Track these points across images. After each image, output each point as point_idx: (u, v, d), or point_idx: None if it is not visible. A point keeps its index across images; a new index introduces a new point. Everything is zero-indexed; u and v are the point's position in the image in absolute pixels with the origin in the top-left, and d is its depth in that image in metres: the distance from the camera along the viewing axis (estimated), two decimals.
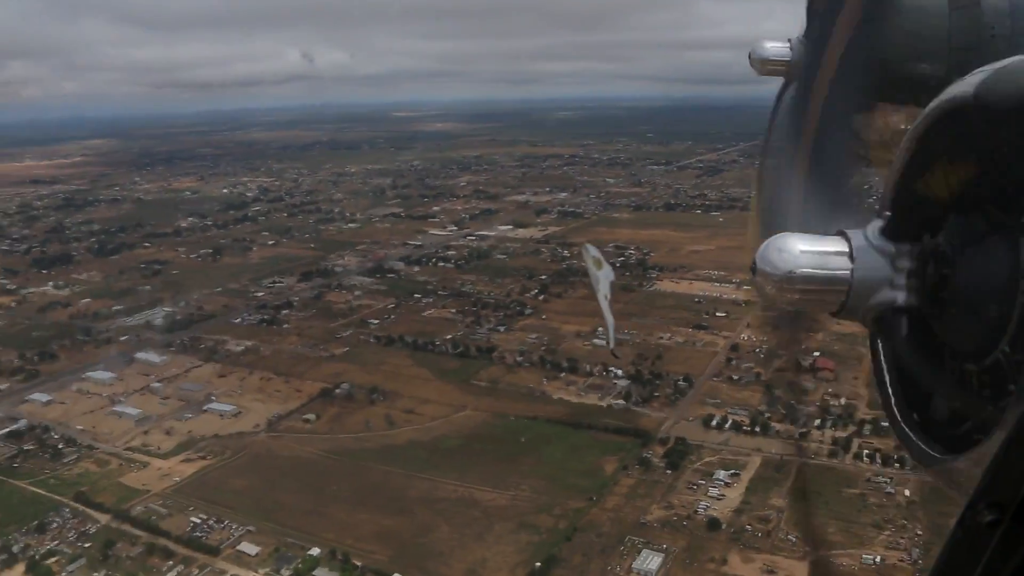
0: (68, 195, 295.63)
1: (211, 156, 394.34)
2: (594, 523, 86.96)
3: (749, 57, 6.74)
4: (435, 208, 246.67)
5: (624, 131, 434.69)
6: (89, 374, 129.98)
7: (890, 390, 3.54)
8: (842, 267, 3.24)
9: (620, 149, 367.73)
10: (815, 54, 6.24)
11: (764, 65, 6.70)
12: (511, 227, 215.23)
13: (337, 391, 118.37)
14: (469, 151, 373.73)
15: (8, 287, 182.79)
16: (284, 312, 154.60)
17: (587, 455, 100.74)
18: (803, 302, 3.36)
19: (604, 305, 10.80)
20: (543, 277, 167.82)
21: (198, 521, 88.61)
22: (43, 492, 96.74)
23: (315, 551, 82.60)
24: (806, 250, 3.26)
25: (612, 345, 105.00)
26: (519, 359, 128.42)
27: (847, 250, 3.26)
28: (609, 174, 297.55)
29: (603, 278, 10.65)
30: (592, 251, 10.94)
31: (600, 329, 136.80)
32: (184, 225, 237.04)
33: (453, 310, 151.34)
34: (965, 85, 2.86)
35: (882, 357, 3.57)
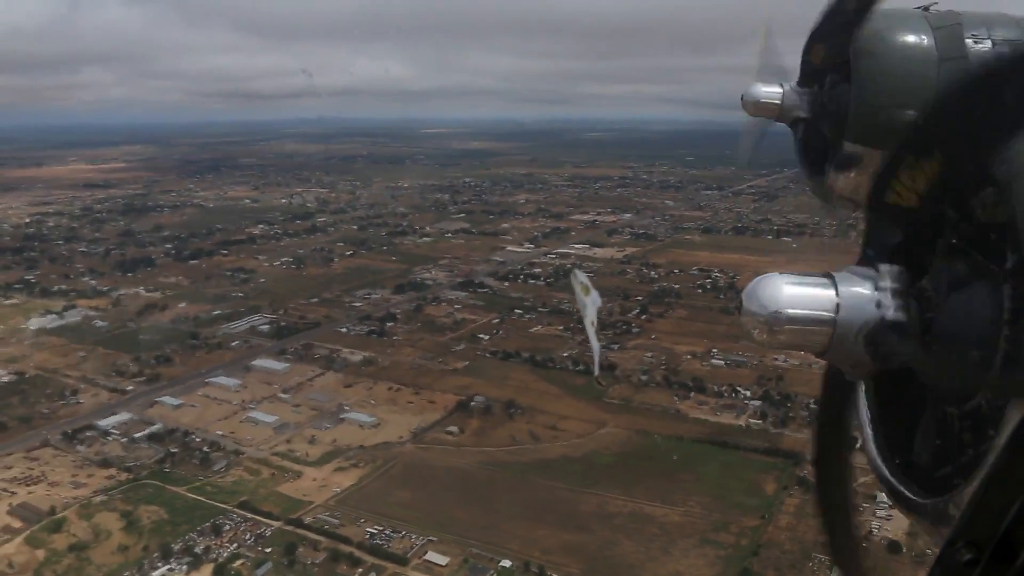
0: (127, 200, 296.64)
1: (255, 166, 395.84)
2: (774, 541, 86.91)
3: (741, 99, 7.03)
4: (504, 225, 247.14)
5: (664, 154, 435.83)
6: (213, 379, 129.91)
7: (871, 431, 3.60)
8: (828, 307, 3.24)
9: (666, 172, 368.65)
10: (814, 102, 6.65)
11: (756, 107, 7.01)
12: (587, 246, 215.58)
13: (473, 404, 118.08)
14: (515, 169, 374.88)
15: (99, 289, 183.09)
16: (389, 324, 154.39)
17: (743, 474, 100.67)
18: (789, 343, 3.34)
19: (591, 331, 10.70)
20: (639, 298, 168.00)
21: (375, 531, 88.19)
22: (203, 499, 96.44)
23: (506, 563, 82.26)
24: (792, 290, 3.28)
25: (597, 372, 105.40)
26: (643, 378, 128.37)
27: (833, 290, 3.26)
28: (665, 197, 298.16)
29: (591, 304, 10.57)
30: (581, 277, 10.87)
31: (715, 350, 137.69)
32: (255, 233, 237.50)
33: (560, 327, 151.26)
34: None
35: (863, 398, 3.63)
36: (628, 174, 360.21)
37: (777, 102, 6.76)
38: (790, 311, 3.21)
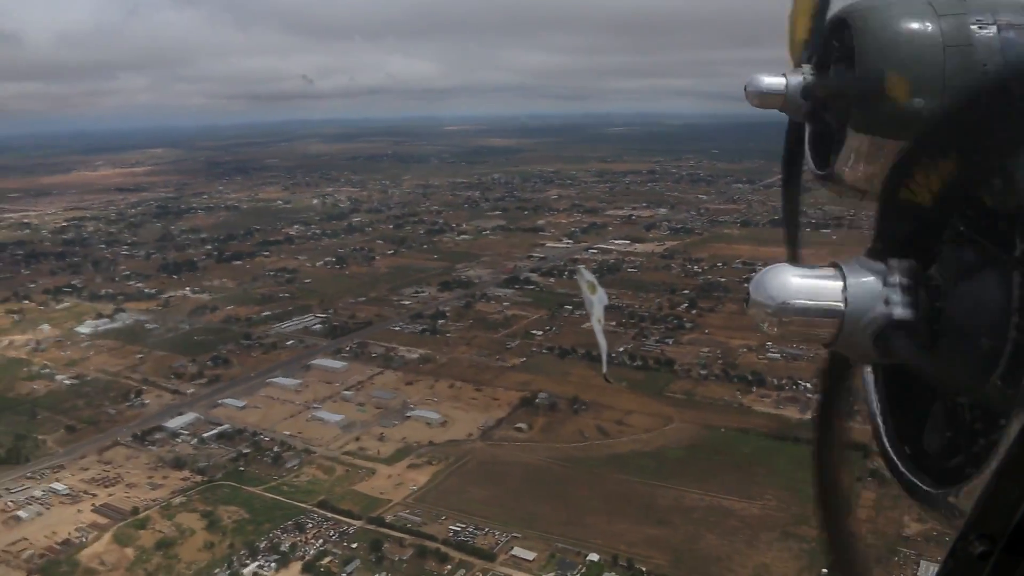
0: (160, 203, 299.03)
1: (281, 167, 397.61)
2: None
3: (745, 90, 6.88)
4: (539, 221, 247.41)
5: (689, 148, 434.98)
6: (273, 380, 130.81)
7: (881, 422, 3.61)
8: (835, 298, 3.22)
9: (693, 166, 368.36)
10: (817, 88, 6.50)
11: (760, 98, 6.86)
12: (627, 242, 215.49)
13: (537, 400, 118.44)
14: (542, 166, 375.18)
15: (147, 291, 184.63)
16: (440, 322, 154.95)
17: None
18: (797, 334, 3.34)
19: (597, 329, 10.65)
20: (686, 292, 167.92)
21: (457, 528, 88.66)
22: (282, 499, 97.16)
23: (594, 557, 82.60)
24: (800, 282, 3.27)
25: (605, 369, 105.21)
26: (702, 372, 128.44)
27: (840, 281, 3.25)
28: (697, 191, 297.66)
29: (597, 302, 10.54)
30: (587, 275, 10.76)
31: (770, 344, 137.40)
32: (292, 233, 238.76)
33: (612, 323, 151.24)
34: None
35: (873, 388, 3.65)
36: (656, 168, 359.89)
37: (781, 92, 6.77)
38: (798, 302, 3.26)
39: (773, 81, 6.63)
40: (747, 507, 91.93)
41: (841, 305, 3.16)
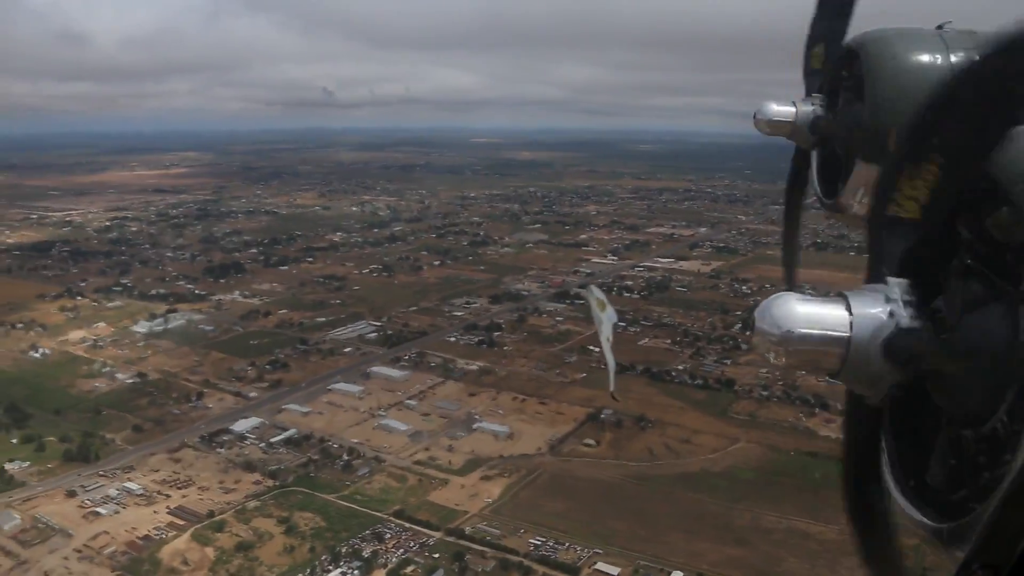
0: (199, 205, 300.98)
1: (316, 173, 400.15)
2: (938, 565, 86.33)
3: (754, 118, 6.83)
4: (581, 236, 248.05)
5: (720, 167, 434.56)
6: (334, 386, 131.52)
7: (884, 456, 3.52)
8: (841, 326, 3.18)
9: (728, 186, 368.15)
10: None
11: (769, 126, 6.83)
12: (672, 260, 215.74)
13: (602, 416, 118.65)
14: (576, 181, 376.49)
15: (196, 292, 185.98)
16: (495, 334, 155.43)
17: None
18: (802, 363, 3.29)
19: (606, 347, 10.49)
20: (738, 313, 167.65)
21: (538, 542, 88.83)
22: (357, 507, 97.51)
23: (679, 574, 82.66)
24: (804, 310, 3.23)
25: (612, 387, 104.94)
26: (763, 393, 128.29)
27: (845, 309, 3.20)
28: (735, 211, 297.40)
29: (607, 320, 10.36)
30: (596, 293, 10.64)
31: None
32: (336, 240, 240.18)
33: (668, 341, 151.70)
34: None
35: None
36: (691, 187, 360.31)
37: (790, 121, 6.88)
38: (803, 331, 3.25)
39: (782, 110, 6.73)
40: (824, 531, 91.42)
41: (847, 332, 3.18)
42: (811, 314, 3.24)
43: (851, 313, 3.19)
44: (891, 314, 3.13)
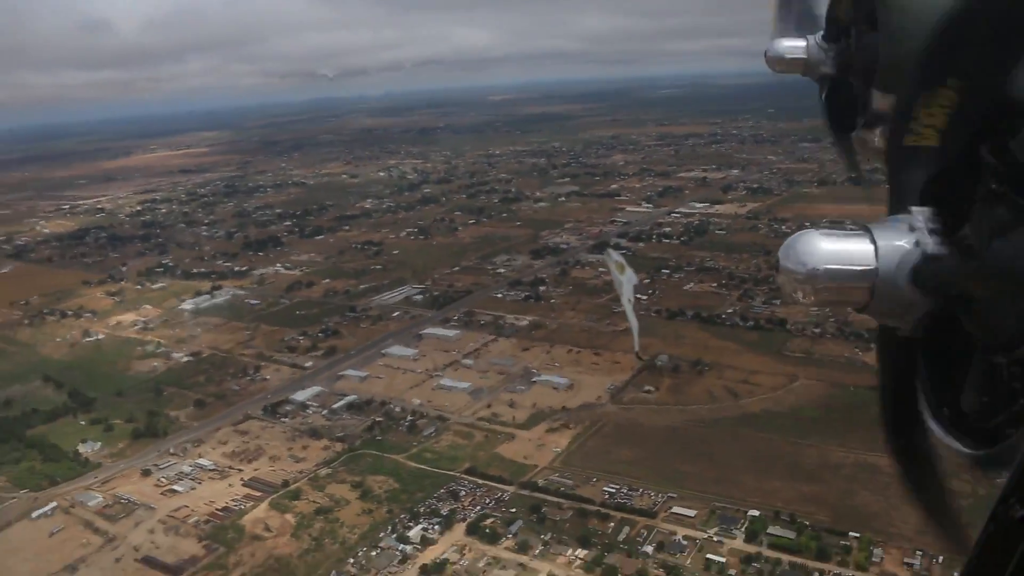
0: (226, 182, 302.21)
1: (337, 142, 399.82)
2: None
3: (765, 55, 6.17)
4: (612, 186, 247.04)
5: (743, 109, 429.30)
6: (389, 350, 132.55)
7: (918, 384, 3.31)
8: (867, 260, 3.02)
9: (754, 127, 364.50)
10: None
11: (780, 63, 6.14)
12: (707, 204, 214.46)
13: (658, 363, 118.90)
14: (599, 131, 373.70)
15: (236, 269, 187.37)
16: (541, 288, 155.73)
17: None
18: (828, 300, 3.16)
19: (628, 308, 9.94)
20: None
21: (612, 489, 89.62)
22: (427, 467, 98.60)
23: (755, 512, 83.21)
24: (828, 246, 3.05)
25: (637, 347, 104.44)
26: (816, 330, 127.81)
27: (871, 245, 3.05)
28: (764, 151, 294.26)
29: (627, 282, 9.84)
30: (615, 256, 10.07)
31: None
32: (368, 207, 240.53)
33: (713, 284, 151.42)
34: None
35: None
36: (717, 130, 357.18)
37: (802, 57, 6.46)
38: (828, 267, 3.19)
39: (794, 45, 6.57)
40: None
41: (873, 266, 3.15)
42: (836, 250, 3.23)
43: (876, 245, 3.19)
44: (917, 243, 3.14)
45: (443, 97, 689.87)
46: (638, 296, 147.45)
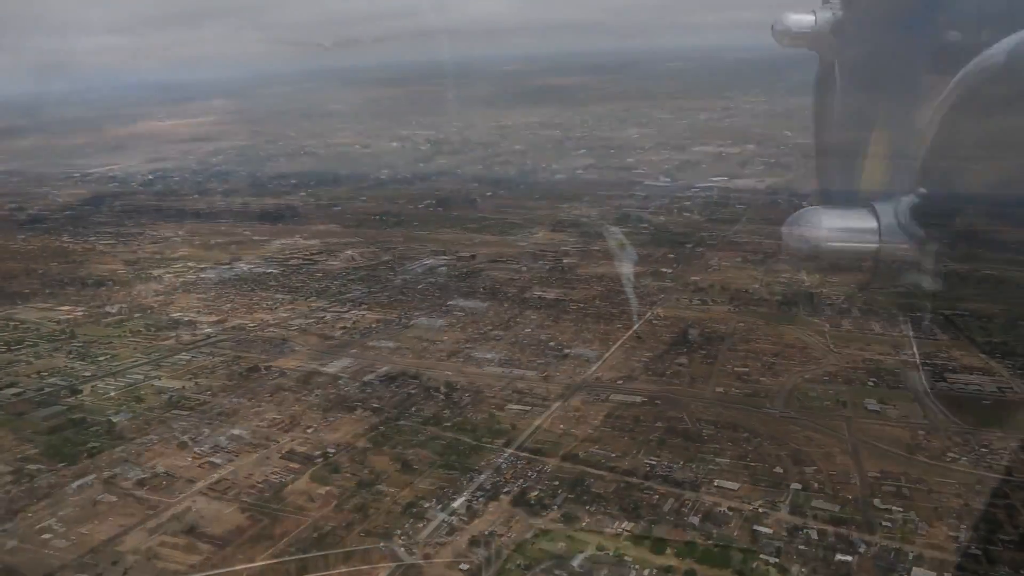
0: (237, 151, 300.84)
1: (347, 113, 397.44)
2: None
3: (772, 29, 5.94)
4: (629, 160, 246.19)
5: (756, 83, 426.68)
6: (416, 321, 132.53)
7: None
8: (870, 243, 2.99)
9: (767, 101, 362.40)
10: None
11: (788, 37, 5.90)
12: (726, 178, 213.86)
13: (691, 337, 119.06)
14: (609, 104, 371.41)
15: (255, 239, 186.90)
16: (566, 261, 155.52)
17: None
18: (833, 275, 2.87)
19: (629, 286, 9.65)
20: None
21: (653, 462, 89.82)
22: (464, 438, 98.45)
23: (797, 486, 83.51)
24: (834, 224, 3.00)
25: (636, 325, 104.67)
26: (844, 306, 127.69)
27: (875, 226, 3.01)
28: (779, 126, 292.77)
29: (626, 259, 9.47)
30: (615, 233, 9.71)
31: None
32: (383, 177, 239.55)
33: (738, 259, 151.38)
34: (996, 52, 2.82)
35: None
36: (729, 104, 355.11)
37: (810, 31, 6.27)
38: (832, 244, 3.15)
39: (802, 19, 6.39)
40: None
41: (876, 244, 3.13)
42: (840, 227, 3.27)
43: (880, 225, 3.23)
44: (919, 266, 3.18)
45: (455, 67, 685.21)
46: (663, 270, 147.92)
